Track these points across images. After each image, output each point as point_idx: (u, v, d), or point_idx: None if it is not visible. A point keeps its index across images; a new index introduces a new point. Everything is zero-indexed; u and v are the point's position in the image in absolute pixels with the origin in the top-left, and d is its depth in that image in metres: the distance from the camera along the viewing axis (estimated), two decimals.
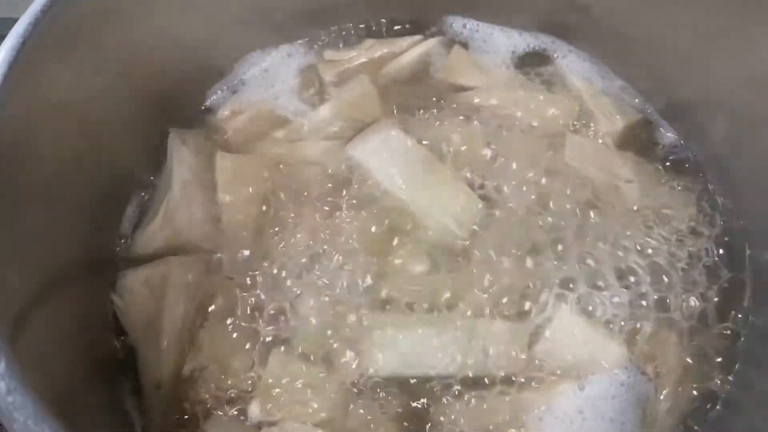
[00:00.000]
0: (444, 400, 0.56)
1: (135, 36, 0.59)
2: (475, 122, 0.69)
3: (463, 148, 0.67)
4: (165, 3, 0.60)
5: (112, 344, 0.59)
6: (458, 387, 0.56)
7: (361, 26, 0.76)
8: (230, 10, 0.67)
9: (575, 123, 0.69)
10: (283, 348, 0.58)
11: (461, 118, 0.69)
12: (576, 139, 0.68)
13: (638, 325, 0.59)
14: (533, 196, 0.64)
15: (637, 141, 0.69)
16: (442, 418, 0.55)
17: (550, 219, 0.63)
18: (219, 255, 0.62)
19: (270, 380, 0.56)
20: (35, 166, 0.50)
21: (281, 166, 0.66)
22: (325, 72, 0.73)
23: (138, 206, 0.66)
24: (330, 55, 0.74)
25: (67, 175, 0.55)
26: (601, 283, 0.60)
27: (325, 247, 0.61)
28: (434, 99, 0.71)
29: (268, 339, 0.58)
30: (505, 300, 0.59)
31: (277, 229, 0.63)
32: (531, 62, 0.74)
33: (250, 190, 0.64)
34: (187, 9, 0.63)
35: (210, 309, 0.59)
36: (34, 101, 0.50)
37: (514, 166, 0.66)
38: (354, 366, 0.57)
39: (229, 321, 0.59)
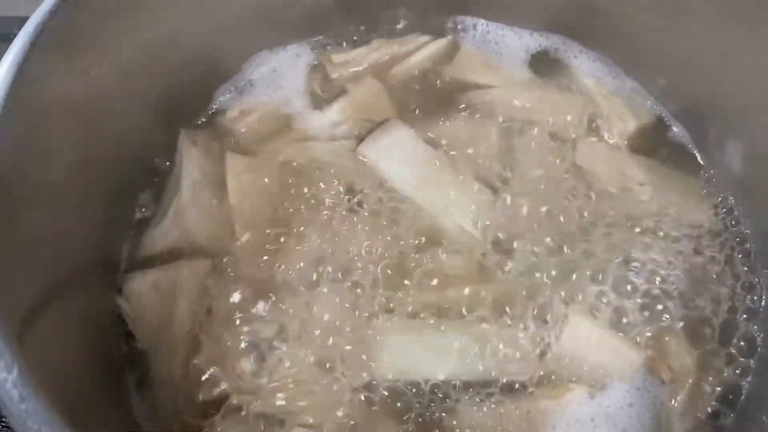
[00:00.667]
0: (453, 406, 0.55)
1: (143, 37, 0.58)
2: (486, 121, 0.68)
3: (474, 147, 0.66)
4: (172, 3, 0.60)
5: (121, 348, 0.58)
6: (468, 393, 0.56)
7: (370, 26, 0.76)
8: (238, 10, 0.67)
9: (587, 124, 0.69)
10: (291, 350, 0.57)
11: (472, 117, 0.69)
12: (588, 140, 0.68)
13: (653, 330, 0.58)
14: (546, 199, 0.64)
15: (650, 143, 0.69)
16: (451, 425, 0.55)
17: (563, 222, 0.63)
18: (228, 256, 0.61)
19: (277, 383, 0.55)
20: (43, 168, 0.50)
21: (291, 166, 0.65)
22: (334, 72, 0.73)
23: (147, 207, 0.66)
24: (339, 56, 0.73)
25: (75, 177, 0.54)
26: (614, 287, 0.60)
27: (335, 248, 0.61)
28: (444, 98, 0.71)
29: (277, 341, 0.57)
30: (517, 305, 0.59)
31: (287, 230, 0.62)
32: (542, 62, 0.74)
33: (261, 191, 0.63)
34: (195, 8, 0.63)
35: (218, 310, 0.59)
36: (42, 103, 0.49)
37: (527, 166, 0.65)
38: (362, 370, 0.56)
39: (237, 322, 0.58)
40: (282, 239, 0.62)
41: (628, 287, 0.60)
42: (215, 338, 0.58)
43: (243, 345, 0.57)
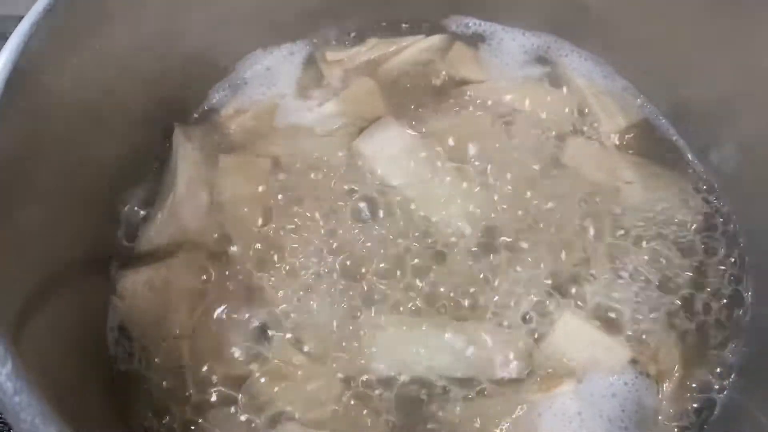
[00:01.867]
0: (443, 401, 0.56)
1: (138, 36, 0.59)
2: (477, 117, 0.69)
3: (465, 143, 0.67)
4: (167, 2, 0.60)
5: (114, 342, 0.59)
6: (458, 388, 0.56)
7: (363, 25, 0.76)
8: (232, 9, 0.67)
9: (577, 122, 0.69)
10: (284, 346, 0.58)
11: (464, 114, 0.69)
12: (577, 140, 0.68)
13: (641, 326, 0.59)
14: (537, 197, 0.64)
15: (639, 141, 0.69)
16: (440, 419, 0.55)
17: (553, 220, 0.63)
18: (223, 251, 0.62)
19: (270, 378, 0.56)
20: (38, 165, 0.50)
21: (285, 163, 0.66)
22: (327, 70, 0.73)
23: (142, 204, 0.66)
24: (332, 54, 0.74)
25: (70, 174, 0.55)
26: (603, 285, 0.60)
27: (329, 244, 0.62)
28: (436, 94, 0.71)
29: (270, 335, 0.58)
30: (508, 301, 0.59)
31: (281, 227, 0.63)
32: (534, 61, 0.74)
33: (254, 189, 0.64)
34: (189, 8, 0.63)
35: (213, 305, 0.59)
36: (36, 101, 0.50)
37: (517, 163, 0.66)
38: (353, 365, 0.57)
39: (232, 318, 0.59)
40: (277, 235, 0.62)
41: (617, 284, 0.60)
42: (210, 335, 0.58)
43: (237, 341, 0.58)
